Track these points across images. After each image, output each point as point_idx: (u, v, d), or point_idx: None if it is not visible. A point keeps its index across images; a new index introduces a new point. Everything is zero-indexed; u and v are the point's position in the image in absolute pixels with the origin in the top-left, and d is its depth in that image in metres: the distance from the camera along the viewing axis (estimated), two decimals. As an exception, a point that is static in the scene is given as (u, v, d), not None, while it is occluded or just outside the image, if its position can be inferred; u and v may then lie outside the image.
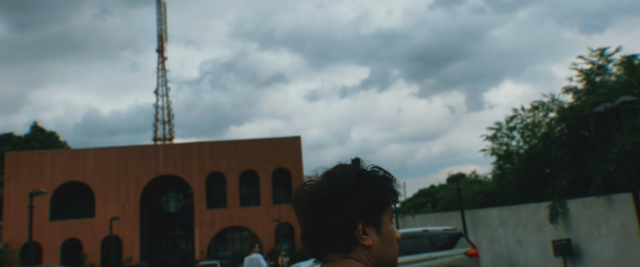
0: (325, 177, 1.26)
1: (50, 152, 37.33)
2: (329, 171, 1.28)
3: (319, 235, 1.22)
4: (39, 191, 16.03)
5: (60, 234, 34.76)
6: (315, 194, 1.25)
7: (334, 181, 1.25)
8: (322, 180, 1.26)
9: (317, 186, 1.26)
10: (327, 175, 1.27)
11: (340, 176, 1.26)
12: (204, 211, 35.86)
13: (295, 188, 1.30)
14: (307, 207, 1.24)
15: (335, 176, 1.26)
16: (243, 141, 37.83)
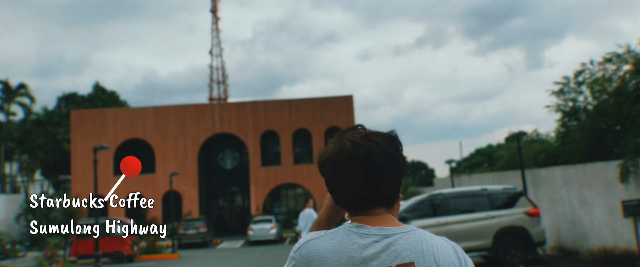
0: (381, 136, 1.32)
1: (112, 110, 38.84)
2: (375, 132, 1.34)
3: (379, 188, 1.30)
4: (102, 146, 16.73)
5: (123, 188, 36.44)
6: (385, 149, 1.30)
7: (395, 140, 1.31)
8: (381, 137, 1.32)
9: (382, 142, 1.31)
10: (379, 134, 1.33)
11: (396, 137, 1.33)
12: (259, 168, 36.61)
13: (348, 137, 1.34)
14: (378, 159, 1.29)
15: (392, 136, 1.33)
16: (296, 100, 38.01)
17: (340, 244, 1.29)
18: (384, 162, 1.31)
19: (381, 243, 1.28)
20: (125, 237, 21.22)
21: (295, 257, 1.38)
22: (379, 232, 1.29)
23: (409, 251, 1.27)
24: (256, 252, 23.10)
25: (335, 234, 1.32)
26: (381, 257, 1.26)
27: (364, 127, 1.42)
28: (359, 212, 1.35)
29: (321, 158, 1.42)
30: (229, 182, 40.95)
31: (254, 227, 29.34)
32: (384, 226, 1.30)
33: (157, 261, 21.42)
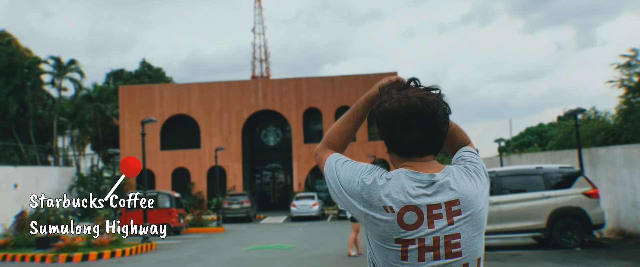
0: (438, 95, 1.57)
1: (158, 86, 39.55)
2: (431, 91, 1.58)
3: (435, 140, 1.56)
4: (150, 119, 16.99)
5: (170, 163, 37.28)
6: (444, 108, 1.56)
7: (443, 100, 1.58)
8: (438, 96, 1.57)
9: (440, 100, 1.56)
10: (436, 94, 1.57)
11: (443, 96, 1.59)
12: (302, 145, 36.68)
13: (416, 95, 1.55)
14: (440, 116, 1.54)
15: (441, 95, 1.59)
16: (339, 77, 37.69)
17: (400, 183, 1.53)
18: (443, 119, 1.56)
19: (433, 186, 1.52)
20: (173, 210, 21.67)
21: (368, 180, 1.58)
22: (430, 178, 1.53)
23: (454, 189, 1.53)
24: (299, 228, 23.22)
25: (395, 175, 1.56)
26: (432, 197, 1.51)
27: (418, 81, 1.62)
28: (412, 158, 1.59)
29: (383, 110, 1.61)
30: (271, 159, 41.28)
31: (296, 203, 29.52)
32: (433, 172, 1.55)
33: (203, 234, 21.82)
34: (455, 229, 1.51)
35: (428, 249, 1.50)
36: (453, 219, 1.51)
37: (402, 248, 1.51)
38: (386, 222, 1.51)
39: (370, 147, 36.35)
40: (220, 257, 12.71)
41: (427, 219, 1.50)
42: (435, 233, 1.50)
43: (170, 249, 15.20)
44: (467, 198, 1.53)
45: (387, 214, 1.51)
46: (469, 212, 1.52)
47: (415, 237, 1.49)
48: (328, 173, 1.71)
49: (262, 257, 12.19)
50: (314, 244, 15.23)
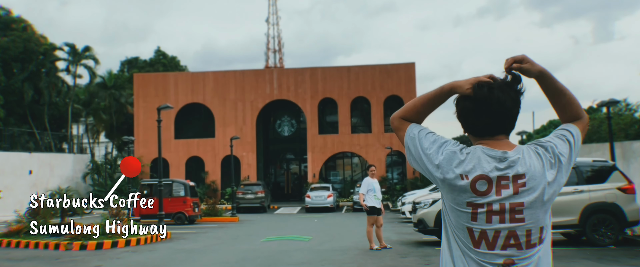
0: (511, 86, 1.85)
1: (173, 74, 39.28)
2: (506, 82, 1.86)
3: (507, 123, 1.83)
4: (166, 105, 16.62)
5: (184, 151, 37.07)
6: (516, 98, 1.84)
7: (520, 89, 1.88)
8: (512, 86, 1.85)
9: (513, 92, 1.84)
10: (509, 84, 1.85)
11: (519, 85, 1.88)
12: (316, 136, 36.24)
13: (495, 86, 1.82)
14: (514, 106, 1.82)
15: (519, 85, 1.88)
16: (356, 67, 37.11)
17: (477, 158, 1.77)
18: (516, 108, 1.83)
19: (505, 162, 1.75)
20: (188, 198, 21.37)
21: (454, 143, 1.85)
22: (503, 155, 1.76)
23: (522, 166, 1.74)
24: (315, 219, 22.84)
25: (472, 150, 1.81)
26: (504, 171, 1.74)
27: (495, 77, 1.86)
28: (486, 137, 1.83)
29: (464, 98, 1.86)
30: (285, 150, 40.92)
31: (311, 194, 29.14)
32: (505, 149, 1.78)
33: (217, 223, 21.52)
34: (519, 198, 1.72)
35: (495, 213, 1.73)
36: (518, 190, 1.73)
37: (472, 210, 1.75)
38: (461, 188, 1.75)
39: (386, 138, 35.80)
40: (237, 248, 12.34)
41: (495, 187, 1.73)
42: (502, 200, 1.73)
43: (186, 239, 14.88)
44: (532, 174, 1.74)
45: (462, 181, 1.75)
46: (532, 186, 1.73)
47: (484, 202, 1.73)
48: (409, 141, 1.90)
49: (280, 249, 11.79)
50: (333, 236, 14.81)
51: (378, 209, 11.35)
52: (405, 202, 20.60)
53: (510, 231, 1.72)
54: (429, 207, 11.99)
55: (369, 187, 11.51)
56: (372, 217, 11.37)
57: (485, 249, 1.75)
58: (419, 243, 12.54)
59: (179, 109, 37.14)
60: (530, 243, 1.74)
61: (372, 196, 11.39)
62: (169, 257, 11.11)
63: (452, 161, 1.78)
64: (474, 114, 1.83)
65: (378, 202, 11.47)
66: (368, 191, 11.43)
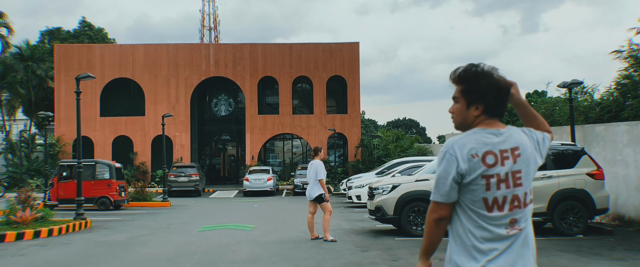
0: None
1: (99, 46, 36.11)
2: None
3: (504, 108, 2.21)
4: (87, 75, 14.49)
5: (110, 130, 34.29)
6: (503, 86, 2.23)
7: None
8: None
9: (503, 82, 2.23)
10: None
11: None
12: (255, 116, 34.51)
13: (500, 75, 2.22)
14: (502, 94, 2.19)
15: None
16: (298, 45, 35.54)
17: (478, 137, 2.15)
18: (501, 95, 2.20)
19: (502, 137, 2.14)
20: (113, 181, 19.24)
21: (448, 151, 2.18)
22: (498, 131, 2.16)
23: (514, 140, 2.15)
24: (255, 204, 21.35)
25: (471, 133, 2.18)
26: (501, 144, 2.13)
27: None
28: (494, 118, 2.20)
29: (478, 79, 2.18)
30: (222, 130, 38.89)
31: (250, 177, 27.55)
32: (499, 128, 2.17)
33: (147, 209, 19.56)
34: (517, 166, 2.13)
35: (502, 181, 2.11)
36: (516, 160, 2.13)
37: (486, 182, 2.10)
38: (474, 166, 2.11)
39: (328, 120, 34.63)
40: (169, 240, 10.66)
41: (500, 159, 2.12)
42: (506, 170, 2.11)
43: (108, 228, 12.97)
44: (524, 146, 2.17)
45: (474, 159, 2.11)
46: (525, 156, 2.16)
47: (494, 173, 2.10)
48: (439, 182, 2.22)
49: (221, 242, 10.24)
50: (278, 225, 13.39)
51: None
52: (353, 186, 19.48)
53: (514, 194, 2.13)
54: (389, 194, 10.81)
55: (325, 170, 10.16)
56: (327, 204, 10.03)
57: (497, 212, 2.12)
58: (375, 233, 11.37)
59: (106, 84, 34.22)
60: (526, 203, 2.17)
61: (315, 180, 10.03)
62: (85, 253, 9.29)
63: (461, 156, 2.15)
64: (500, 99, 2.17)
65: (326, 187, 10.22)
66: (315, 177, 10.05)
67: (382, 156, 31.48)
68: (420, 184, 10.75)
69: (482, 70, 2.17)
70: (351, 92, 34.78)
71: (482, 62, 2.20)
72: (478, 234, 2.11)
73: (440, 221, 2.18)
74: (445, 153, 2.15)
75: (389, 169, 21.06)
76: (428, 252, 2.29)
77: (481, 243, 2.10)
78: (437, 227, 2.20)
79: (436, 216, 2.18)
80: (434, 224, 2.19)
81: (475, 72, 2.17)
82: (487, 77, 2.15)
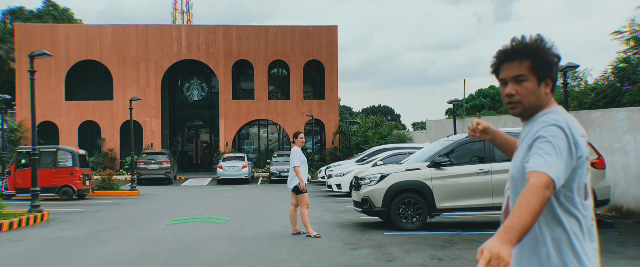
0: None
1: (64, 26, 34.24)
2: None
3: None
4: (43, 52, 13.16)
5: (77, 115, 32.64)
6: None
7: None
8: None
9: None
10: None
11: None
12: (230, 101, 33.26)
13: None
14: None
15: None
16: (274, 28, 34.29)
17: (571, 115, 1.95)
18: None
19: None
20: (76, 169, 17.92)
21: (567, 132, 1.85)
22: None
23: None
24: (229, 193, 20.30)
25: (562, 112, 1.95)
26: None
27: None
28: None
29: (545, 51, 1.94)
30: (195, 116, 37.50)
31: (223, 164, 26.42)
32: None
33: (113, 199, 18.34)
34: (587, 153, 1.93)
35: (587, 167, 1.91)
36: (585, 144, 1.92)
37: (587, 165, 1.89)
38: (585, 146, 1.88)
39: (305, 105, 33.60)
40: (133, 236, 9.59)
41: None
42: (587, 154, 1.89)
43: (68, 221, 11.80)
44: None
45: (584, 139, 1.88)
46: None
47: (587, 155, 1.89)
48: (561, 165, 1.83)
49: (192, 238, 9.22)
50: (255, 217, 12.42)
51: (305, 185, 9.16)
52: (332, 174, 18.59)
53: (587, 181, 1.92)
54: (377, 184, 9.93)
55: (301, 158, 9.21)
56: (307, 195, 9.13)
57: (587, 199, 1.89)
58: (361, 226, 10.49)
59: (71, 66, 32.48)
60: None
61: (303, 170, 9.13)
62: (35, 252, 8.17)
63: (575, 139, 1.88)
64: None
65: (306, 177, 9.28)
66: (301, 164, 9.15)
67: (360, 143, 30.68)
68: (411, 173, 9.89)
69: (543, 39, 1.95)
70: (329, 77, 33.79)
71: (540, 34, 1.98)
72: (574, 229, 1.86)
73: (546, 200, 1.78)
74: (563, 130, 1.84)
75: (370, 157, 20.26)
76: (523, 235, 1.71)
77: (581, 241, 1.86)
78: (542, 208, 1.80)
79: (549, 194, 1.76)
80: (543, 201, 1.75)
81: (542, 43, 1.94)
82: (551, 48, 1.95)
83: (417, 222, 9.73)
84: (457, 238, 8.81)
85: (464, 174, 9.82)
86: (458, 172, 9.82)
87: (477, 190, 9.75)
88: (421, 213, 9.74)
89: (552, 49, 1.93)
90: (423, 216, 9.74)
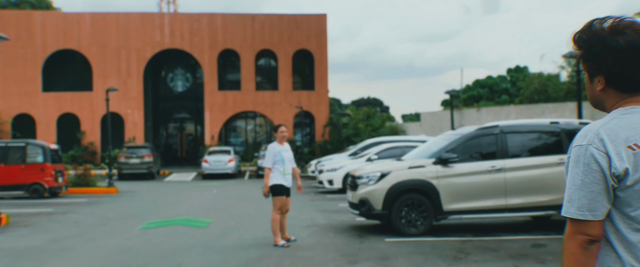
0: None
1: (40, 14, 32.63)
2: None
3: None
4: (1, 37, 11.84)
5: (55, 107, 31.16)
6: None
7: None
8: None
9: None
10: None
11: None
12: (215, 92, 31.96)
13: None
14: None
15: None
16: (261, 16, 32.97)
17: (632, 120, 1.52)
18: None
19: None
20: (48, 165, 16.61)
21: (590, 144, 1.51)
22: None
23: None
24: (214, 189, 19.12)
25: (618, 115, 1.55)
26: None
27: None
28: (629, 95, 1.59)
29: (592, 41, 1.60)
30: (179, 107, 36.14)
31: (209, 158, 25.19)
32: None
33: (88, 196, 17.07)
34: None
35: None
36: None
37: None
38: (638, 158, 1.49)
39: (294, 97, 32.40)
40: (98, 245, 8.38)
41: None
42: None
43: (30, 226, 10.54)
44: None
45: (635, 151, 1.49)
46: None
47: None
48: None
49: (165, 248, 8.04)
50: (239, 218, 11.27)
51: (286, 188, 7.93)
52: (324, 169, 17.46)
53: None
54: (376, 184, 8.80)
55: (275, 157, 7.88)
56: (279, 199, 7.88)
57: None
58: (358, 231, 9.38)
59: (48, 55, 30.96)
60: None
61: (279, 169, 7.82)
62: (-22, 268, 6.95)
63: (605, 152, 1.52)
64: (628, 65, 1.55)
65: (287, 178, 7.97)
66: (274, 164, 7.83)
67: (351, 135, 29.58)
68: (414, 171, 8.78)
69: (600, 27, 1.60)
70: (319, 68, 32.59)
71: (611, 16, 1.61)
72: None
73: (589, 245, 1.51)
74: (583, 146, 1.54)
75: (363, 150, 19.17)
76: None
77: None
78: (585, 254, 1.51)
79: (583, 240, 1.51)
80: (582, 250, 1.51)
81: (593, 32, 1.60)
82: (602, 38, 1.58)
83: (422, 226, 8.63)
84: (470, 246, 7.73)
85: (474, 172, 8.73)
86: (467, 170, 8.73)
87: (489, 190, 8.69)
88: (426, 216, 8.64)
89: (602, 39, 1.58)
90: (428, 219, 8.65)
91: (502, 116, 15.08)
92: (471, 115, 17.56)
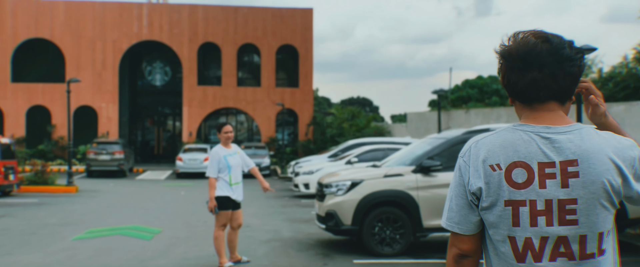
0: (560, 38, 1.40)
1: (10, 1, 30.99)
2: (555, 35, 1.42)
3: (557, 84, 1.37)
4: None
5: (24, 99, 29.59)
6: (567, 48, 1.38)
7: (571, 43, 1.40)
8: (561, 39, 1.40)
9: (562, 43, 1.38)
10: (558, 37, 1.41)
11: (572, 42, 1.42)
12: (195, 87, 30.54)
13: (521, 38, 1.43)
14: (562, 57, 1.36)
15: (568, 41, 1.42)
16: (244, 9, 31.59)
17: (509, 138, 1.39)
18: (569, 56, 1.43)
19: (551, 138, 1.36)
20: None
21: (463, 157, 1.47)
22: (549, 129, 1.37)
23: (575, 147, 1.34)
24: (182, 191, 17.75)
25: (503, 131, 1.44)
26: (545, 152, 1.35)
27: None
28: (533, 105, 1.43)
29: (501, 53, 1.50)
30: (157, 102, 34.64)
31: (183, 157, 23.80)
32: (556, 124, 1.38)
33: (42, 196, 15.64)
34: (569, 192, 1.36)
35: (540, 213, 1.37)
36: (568, 182, 1.35)
37: (513, 211, 1.38)
38: (495, 183, 1.39)
39: (277, 94, 31.05)
40: (12, 262, 7.01)
41: (537, 178, 1.37)
42: (547, 194, 1.36)
43: (-51, 232, 9.13)
44: (589, 160, 1.35)
45: (494, 172, 1.39)
46: (589, 177, 1.34)
47: (526, 198, 1.38)
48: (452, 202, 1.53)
49: (87, 265, 6.68)
50: (195, 228, 9.93)
51: (233, 201, 6.53)
52: (301, 171, 16.16)
53: (560, 236, 1.37)
54: (345, 195, 7.51)
55: (220, 164, 6.45)
56: (225, 214, 6.52)
57: (532, 261, 1.39)
58: (325, 248, 8.09)
59: (18, 44, 29.38)
60: (583, 253, 1.37)
61: (225, 179, 6.48)
62: None
63: (475, 163, 1.43)
64: (518, 67, 1.43)
65: (236, 189, 6.56)
66: (220, 171, 6.41)
67: (335, 135, 28.32)
68: (391, 181, 7.50)
69: (509, 38, 1.50)
70: (304, 64, 31.27)
71: (531, 30, 1.46)
72: None
73: (461, 259, 1.49)
74: (460, 157, 1.51)
75: (344, 152, 17.91)
76: None
77: None
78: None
79: (455, 252, 1.50)
80: (454, 264, 1.51)
81: (503, 45, 1.51)
82: (496, 50, 1.52)
83: (398, 245, 7.35)
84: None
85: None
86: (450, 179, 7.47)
87: (477, 204, 7.43)
88: (403, 234, 7.37)
89: (506, 51, 1.50)
90: (406, 237, 7.38)
91: (492, 119, 13.89)
92: (459, 117, 16.36)
